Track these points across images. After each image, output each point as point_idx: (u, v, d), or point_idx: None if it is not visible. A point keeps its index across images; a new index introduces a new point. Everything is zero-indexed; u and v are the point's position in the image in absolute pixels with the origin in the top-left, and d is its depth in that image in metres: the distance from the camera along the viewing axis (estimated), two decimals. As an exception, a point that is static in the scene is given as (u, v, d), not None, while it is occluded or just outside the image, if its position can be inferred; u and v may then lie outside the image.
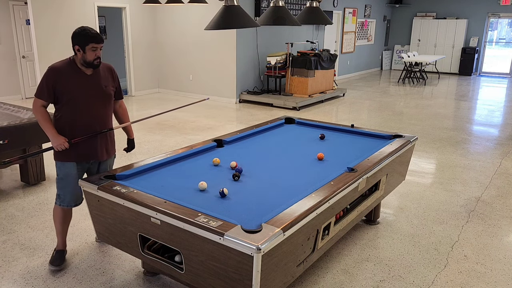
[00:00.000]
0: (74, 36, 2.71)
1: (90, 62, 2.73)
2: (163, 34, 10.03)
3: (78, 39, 2.68)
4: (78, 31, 2.69)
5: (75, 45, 2.70)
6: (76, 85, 2.74)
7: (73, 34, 2.71)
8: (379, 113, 8.19)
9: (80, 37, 2.67)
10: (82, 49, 2.69)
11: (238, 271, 1.92)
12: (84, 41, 2.67)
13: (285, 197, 2.42)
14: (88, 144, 2.85)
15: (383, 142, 3.55)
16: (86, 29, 2.69)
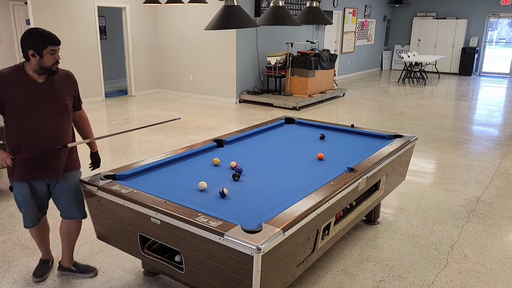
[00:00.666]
0: (27, 38, 2.34)
1: (49, 68, 2.41)
2: (163, 34, 10.03)
3: (33, 41, 2.33)
4: (30, 32, 2.34)
5: (28, 49, 2.33)
6: (24, 95, 2.37)
7: (24, 36, 2.35)
8: (379, 113, 8.19)
9: (36, 40, 2.33)
10: (39, 53, 2.34)
11: (238, 271, 1.92)
12: (40, 44, 2.33)
13: (285, 197, 2.42)
14: (41, 161, 2.50)
15: (383, 142, 3.55)
16: (40, 30, 2.35)
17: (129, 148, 5.81)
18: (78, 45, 8.54)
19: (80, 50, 8.59)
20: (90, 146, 2.84)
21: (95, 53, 8.91)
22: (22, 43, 2.36)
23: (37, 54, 2.34)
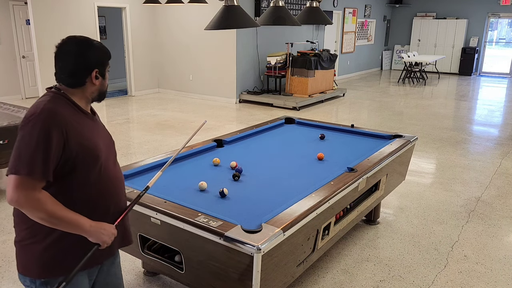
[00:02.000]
0: (88, 55, 1.61)
1: (105, 91, 1.75)
2: (163, 34, 10.03)
3: (97, 58, 1.64)
4: (88, 44, 1.64)
5: (93, 69, 1.62)
6: (90, 136, 1.62)
7: (82, 51, 1.61)
8: (379, 113, 8.19)
9: (99, 55, 1.65)
10: (102, 73, 1.67)
11: (238, 271, 1.92)
12: (105, 60, 1.68)
13: (285, 197, 2.42)
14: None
15: (383, 142, 3.55)
16: (94, 41, 1.67)
17: (129, 148, 5.81)
18: (78, 45, 8.52)
19: (80, 50, 8.58)
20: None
21: (95, 53, 8.89)
22: (87, 60, 1.61)
23: (100, 75, 1.67)
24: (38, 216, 1.47)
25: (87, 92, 1.66)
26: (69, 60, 1.59)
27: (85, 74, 1.62)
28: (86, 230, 1.55)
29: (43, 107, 1.52)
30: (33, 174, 1.45)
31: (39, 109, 1.50)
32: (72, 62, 1.59)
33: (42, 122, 1.48)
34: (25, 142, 1.46)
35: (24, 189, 1.44)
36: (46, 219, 1.47)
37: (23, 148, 1.46)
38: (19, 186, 1.44)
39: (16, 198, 1.44)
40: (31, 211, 1.46)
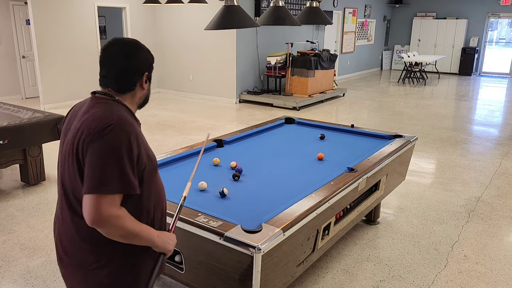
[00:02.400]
0: (140, 58, 1.52)
1: (148, 98, 1.65)
2: (163, 34, 10.03)
3: (148, 60, 1.55)
4: (138, 47, 1.53)
5: (144, 72, 1.53)
6: (149, 146, 1.56)
7: (141, 53, 1.52)
8: (379, 113, 8.19)
9: (150, 57, 1.56)
10: (150, 77, 1.58)
11: (238, 271, 1.92)
12: (152, 62, 1.59)
13: (285, 197, 2.42)
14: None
15: (383, 142, 3.55)
16: (140, 43, 1.57)
17: (129, 148, 5.80)
18: (78, 45, 8.53)
19: (80, 50, 8.59)
20: None
21: (95, 53, 8.91)
22: (140, 63, 1.51)
23: (148, 79, 1.57)
24: (119, 233, 1.38)
25: (136, 98, 1.56)
26: (120, 62, 1.48)
27: (135, 78, 1.52)
28: (155, 241, 1.50)
29: (117, 116, 1.40)
30: (120, 191, 1.36)
31: (114, 119, 1.39)
32: (123, 65, 1.48)
33: (122, 133, 1.37)
34: (107, 156, 1.34)
35: (108, 208, 1.34)
36: (125, 235, 1.40)
37: (104, 162, 1.34)
38: (103, 205, 1.33)
39: (99, 218, 1.33)
40: (113, 230, 1.37)
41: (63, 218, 1.52)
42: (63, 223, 1.52)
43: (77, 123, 1.45)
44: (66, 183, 1.47)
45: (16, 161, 4.27)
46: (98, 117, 1.40)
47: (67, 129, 1.52)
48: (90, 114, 1.43)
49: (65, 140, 1.50)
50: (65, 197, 1.49)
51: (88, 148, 1.36)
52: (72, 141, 1.43)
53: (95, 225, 1.35)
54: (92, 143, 1.36)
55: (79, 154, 1.40)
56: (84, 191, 1.36)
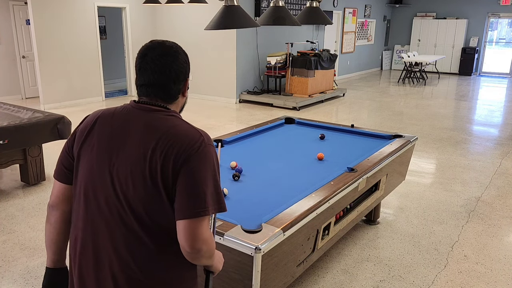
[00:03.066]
0: (185, 60, 1.39)
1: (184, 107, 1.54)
2: (163, 34, 10.03)
3: (189, 65, 1.42)
4: (182, 50, 1.39)
5: (186, 78, 1.40)
6: None
7: (184, 57, 1.39)
8: (379, 113, 8.19)
9: (189, 62, 1.43)
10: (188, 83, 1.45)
11: (238, 271, 1.92)
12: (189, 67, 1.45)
13: (285, 197, 2.42)
14: None
15: (383, 142, 3.55)
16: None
17: (129, 148, 5.81)
18: (78, 45, 8.53)
19: (80, 50, 8.59)
20: None
21: (95, 53, 8.91)
22: (180, 70, 1.36)
23: (188, 87, 1.45)
24: (208, 254, 1.28)
25: (178, 107, 1.42)
26: (166, 68, 1.32)
27: (181, 84, 1.38)
28: (219, 258, 1.43)
29: (199, 129, 1.32)
30: (218, 210, 1.26)
31: (201, 134, 1.30)
32: (169, 71, 1.33)
33: (211, 148, 1.29)
34: (206, 175, 1.25)
35: (207, 230, 1.24)
36: (211, 256, 1.31)
37: (204, 183, 1.24)
38: (204, 227, 1.22)
39: (201, 243, 1.22)
40: (206, 252, 1.26)
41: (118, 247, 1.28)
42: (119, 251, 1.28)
43: (142, 143, 1.27)
44: (135, 206, 1.26)
45: (16, 161, 4.27)
46: (180, 130, 1.27)
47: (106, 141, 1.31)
48: (161, 126, 1.28)
49: (114, 155, 1.29)
50: (131, 222, 1.26)
51: (182, 168, 1.23)
52: (147, 159, 1.25)
53: (195, 251, 1.23)
54: (187, 162, 1.23)
55: (164, 174, 1.23)
56: (183, 215, 1.22)
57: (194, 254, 1.23)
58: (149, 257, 1.27)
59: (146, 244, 1.26)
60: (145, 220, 1.25)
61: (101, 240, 1.29)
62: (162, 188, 1.23)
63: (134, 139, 1.28)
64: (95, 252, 1.30)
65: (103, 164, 1.29)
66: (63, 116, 4.42)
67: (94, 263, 1.30)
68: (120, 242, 1.27)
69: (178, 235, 1.23)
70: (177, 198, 1.23)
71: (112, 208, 1.27)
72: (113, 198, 1.27)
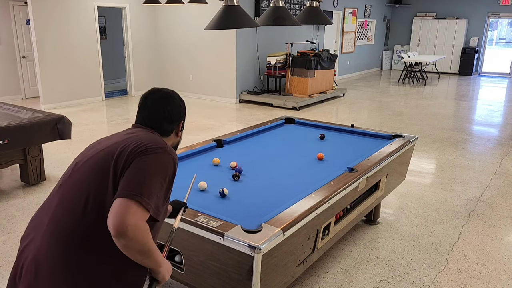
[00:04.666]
0: (181, 106, 1.66)
1: (178, 146, 1.78)
2: (163, 34, 10.03)
3: (184, 109, 1.69)
4: (179, 96, 1.68)
5: (181, 119, 1.67)
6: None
7: (176, 102, 1.64)
8: (379, 113, 8.19)
9: (184, 106, 1.70)
10: (183, 126, 1.71)
11: (238, 271, 1.92)
12: (185, 112, 1.72)
13: (285, 197, 2.42)
14: None
15: (383, 142, 3.55)
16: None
17: (129, 148, 5.80)
18: (78, 45, 8.54)
19: (80, 50, 8.59)
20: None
21: (95, 53, 8.91)
22: (179, 112, 1.64)
23: (182, 128, 1.70)
24: (138, 248, 1.31)
25: (169, 143, 1.64)
26: (160, 110, 1.59)
27: (173, 125, 1.63)
28: (162, 264, 1.45)
29: (168, 144, 1.52)
30: (153, 211, 1.34)
31: (166, 145, 1.48)
32: (163, 113, 1.59)
33: (171, 158, 1.45)
34: (154, 172, 1.37)
35: (139, 218, 1.30)
36: (143, 251, 1.33)
37: (151, 177, 1.36)
38: (137, 213, 1.29)
39: (126, 225, 1.26)
40: (134, 242, 1.29)
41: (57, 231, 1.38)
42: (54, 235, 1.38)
43: (119, 138, 1.49)
44: (84, 190, 1.40)
45: (16, 161, 4.28)
46: (150, 137, 1.48)
47: (91, 149, 1.52)
48: (139, 134, 1.49)
49: (92, 155, 1.47)
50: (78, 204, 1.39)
51: (135, 159, 1.38)
52: (111, 150, 1.43)
53: (118, 232, 1.27)
54: (141, 155, 1.38)
55: (118, 162, 1.39)
56: (118, 194, 1.31)
57: (118, 237, 1.27)
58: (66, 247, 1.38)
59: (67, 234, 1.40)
60: (89, 205, 1.40)
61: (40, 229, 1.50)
62: (110, 178, 1.38)
63: (109, 142, 1.49)
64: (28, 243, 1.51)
65: (76, 167, 1.51)
66: (63, 116, 4.42)
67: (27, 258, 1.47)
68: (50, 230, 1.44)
69: (108, 216, 1.29)
70: (120, 182, 1.35)
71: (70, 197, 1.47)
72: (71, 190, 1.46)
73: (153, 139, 1.47)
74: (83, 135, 6.42)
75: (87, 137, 6.31)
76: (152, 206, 1.34)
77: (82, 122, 7.23)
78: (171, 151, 1.47)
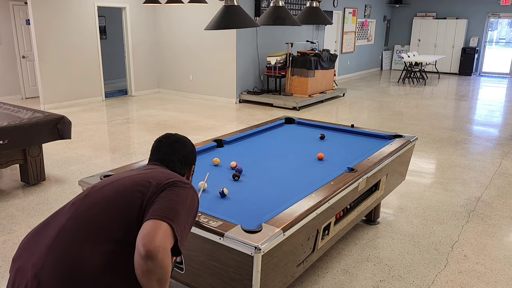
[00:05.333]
0: (194, 150, 1.78)
1: None
2: (163, 34, 10.03)
3: (195, 154, 1.81)
4: (191, 142, 1.80)
5: (193, 163, 1.79)
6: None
7: (192, 147, 1.78)
8: (379, 113, 8.19)
9: (195, 151, 1.81)
10: (193, 171, 1.83)
11: (238, 271, 1.92)
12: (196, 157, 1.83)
13: (285, 197, 2.42)
14: None
15: (383, 142, 3.55)
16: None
17: (129, 148, 5.81)
18: (78, 45, 8.54)
19: (80, 50, 8.59)
20: None
21: (95, 53, 8.91)
22: (187, 155, 1.74)
23: (193, 172, 1.82)
24: (160, 274, 1.26)
25: None
26: (174, 154, 1.69)
27: (185, 169, 1.72)
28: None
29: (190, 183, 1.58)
30: (180, 237, 1.35)
31: (190, 184, 1.54)
32: (180, 152, 1.69)
33: (196, 197, 1.52)
34: (185, 201, 1.42)
35: (168, 241, 1.29)
36: (163, 280, 1.29)
37: (181, 204, 1.40)
38: (167, 236, 1.29)
39: (157, 246, 1.23)
40: (159, 267, 1.24)
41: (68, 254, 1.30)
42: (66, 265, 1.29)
43: (141, 172, 1.53)
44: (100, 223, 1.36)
45: (16, 161, 4.28)
46: (175, 174, 1.54)
47: (106, 181, 1.51)
48: (163, 170, 1.57)
49: (113, 180, 1.49)
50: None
51: (166, 188, 1.43)
52: (135, 179, 1.46)
53: (149, 251, 1.22)
54: (172, 186, 1.44)
55: (146, 190, 1.42)
56: (151, 216, 1.30)
57: (147, 257, 1.22)
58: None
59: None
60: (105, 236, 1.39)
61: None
62: (133, 211, 1.38)
63: (126, 177, 1.51)
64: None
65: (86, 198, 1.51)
66: (63, 116, 4.42)
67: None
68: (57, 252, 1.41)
69: (138, 236, 1.27)
70: (149, 208, 1.36)
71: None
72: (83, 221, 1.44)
73: (178, 175, 1.53)
74: (83, 135, 6.42)
75: (87, 137, 6.31)
76: (179, 233, 1.34)
77: (82, 122, 7.23)
78: (195, 191, 1.52)
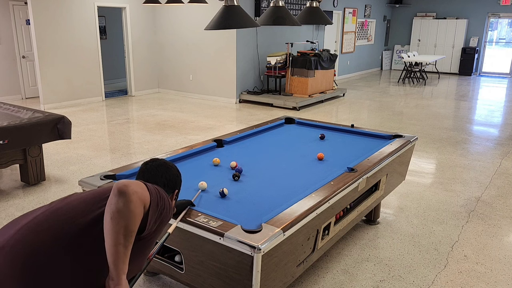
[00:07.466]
0: (178, 176, 1.87)
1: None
2: (163, 34, 10.03)
3: (180, 179, 1.90)
4: (177, 169, 1.90)
5: (176, 188, 1.87)
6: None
7: (177, 174, 1.87)
8: (379, 113, 8.19)
9: (180, 177, 1.90)
10: (177, 196, 1.92)
11: (238, 271, 1.92)
12: (181, 184, 1.93)
13: (285, 197, 2.42)
14: None
15: (383, 142, 3.55)
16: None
17: (129, 148, 5.81)
18: (78, 45, 8.54)
19: (80, 50, 8.59)
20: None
21: (95, 53, 8.91)
22: (172, 180, 1.83)
23: (176, 197, 1.90)
24: (127, 221, 1.38)
25: None
26: (160, 173, 1.80)
27: (170, 192, 1.82)
28: (124, 272, 1.42)
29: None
30: (151, 195, 1.49)
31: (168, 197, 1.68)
32: (164, 176, 1.80)
33: (172, 205, 1.70)
34: (159, 196, 1.56)
35: (143, 193, 1.45)
36: (128, 228, 1.38)
37: (155, 196, 1.54)
38: (144, 189, 1.47)
39: (128, 189, 1.40)
40: (130, 207, 1.38)
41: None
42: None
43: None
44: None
45: (16, 161, 4.28)
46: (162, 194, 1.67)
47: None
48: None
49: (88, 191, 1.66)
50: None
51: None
52: (108, 187, 1.64)
53: (121, 189, 1.39)
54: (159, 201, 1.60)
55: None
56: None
57: (119, 195, 1.38)
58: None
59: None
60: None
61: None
62: None
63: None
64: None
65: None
66: (63, 116, 4.42)
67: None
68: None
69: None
70: None
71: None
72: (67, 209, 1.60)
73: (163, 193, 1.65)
74: (83, 135, 6.42)
75: (87, 137, 6.31)
76: (153, 202, 1.50)
77: (82, 122, 7.23)
78: (171, 203, 1.68)
